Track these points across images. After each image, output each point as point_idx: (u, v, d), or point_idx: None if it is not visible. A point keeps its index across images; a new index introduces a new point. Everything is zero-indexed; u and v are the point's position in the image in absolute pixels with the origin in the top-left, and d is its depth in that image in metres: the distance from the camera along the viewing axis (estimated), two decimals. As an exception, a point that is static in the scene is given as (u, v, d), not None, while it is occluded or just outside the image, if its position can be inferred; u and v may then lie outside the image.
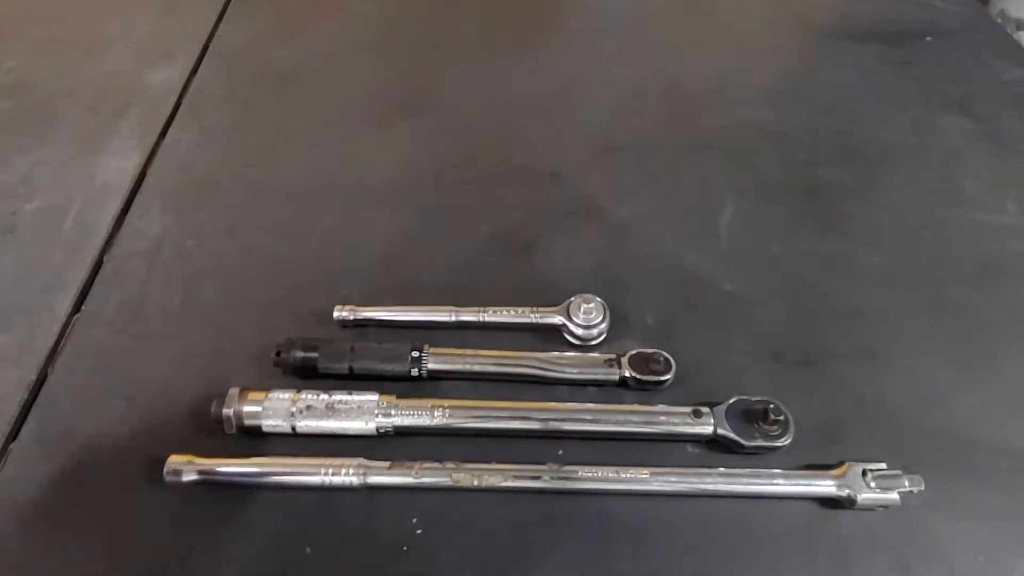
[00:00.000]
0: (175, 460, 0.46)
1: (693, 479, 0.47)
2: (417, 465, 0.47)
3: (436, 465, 0.47)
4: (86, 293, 0.58)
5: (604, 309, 0.55)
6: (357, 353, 0.52)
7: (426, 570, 0.44)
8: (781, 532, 0.46)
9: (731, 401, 0.50)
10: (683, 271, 0.62)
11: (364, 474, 0.46)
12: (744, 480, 0.47)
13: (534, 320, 0.56)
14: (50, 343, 0.55)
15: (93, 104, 0.76)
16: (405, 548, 0.45)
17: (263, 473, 0.46)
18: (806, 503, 0.48)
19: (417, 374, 0.52)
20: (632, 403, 0.52)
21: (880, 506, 0.46)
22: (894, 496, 0.46)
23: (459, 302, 0.56)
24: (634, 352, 0.53)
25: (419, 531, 0.46)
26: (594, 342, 0.55)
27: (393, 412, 0.49)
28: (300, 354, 0.52)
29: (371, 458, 0.47)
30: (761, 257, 0.63)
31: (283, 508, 0.46)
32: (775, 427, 0.49)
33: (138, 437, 0.49)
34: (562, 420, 0.49)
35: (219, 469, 0.46)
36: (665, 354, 0.53)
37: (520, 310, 0.56)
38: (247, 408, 0.48)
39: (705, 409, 0.50)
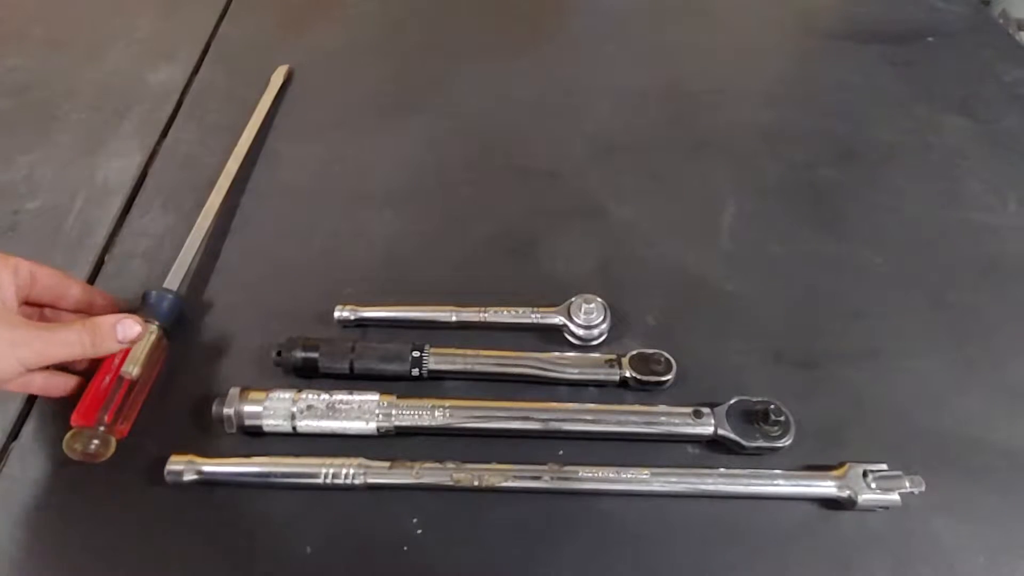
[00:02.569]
0: (175, 460, 0.46)
1: (693, 479, 0.47)
2: (417, 465, 0.47)
3: (436, 465, 0.47)
4: (87, 292, 0.59)
5: (605, 309, 0.55)
6: (358, 353, 0.52)
7: (426, 570, 0.44)
8: (781, 533, 0.46)
9: (732, 402, 0.50)
10: (684, 271, 0.62)
11: (364, 474, 0.46)
12: (744, 481, 0.47)
13: (535, 320, 0.56)
14: (51, 342, 0.55)
15: (95, 103, 0.76)
16: (405, 548, 0.45)
17: (263, 473, 0.46)
18: (807, 504, 0.48)
19: (418, 374, 0.52)
20: (633, 403, 0.52)
21: (881, 507, 0.46)
22: (895, 497, 0.46)
23: (460, 302, 0.56)
24: (635, 352, 0.53)
25: (419, 531, 0.46)
26: (595, 342, 0.55)
27: (394, 412, 0.49)
28: (301, 354, 0.52)
29: (372, 458, 0.47)
30: (762, 257, 0.63)
31: (283, 508, 0.47)
32: (776, 428, 0.49)
33: (138, 437, 0.49)
34: (563, 420, 0.49)
35: (219, 469, 0.46)
36: (666, 354, 0.53)
37: (521, 310, 0.56)
38: (248, 408, 0.48)
39: (706, 410, 0.50)
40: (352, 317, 0.56)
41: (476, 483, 0.46)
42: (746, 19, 0.93)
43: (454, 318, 0.56)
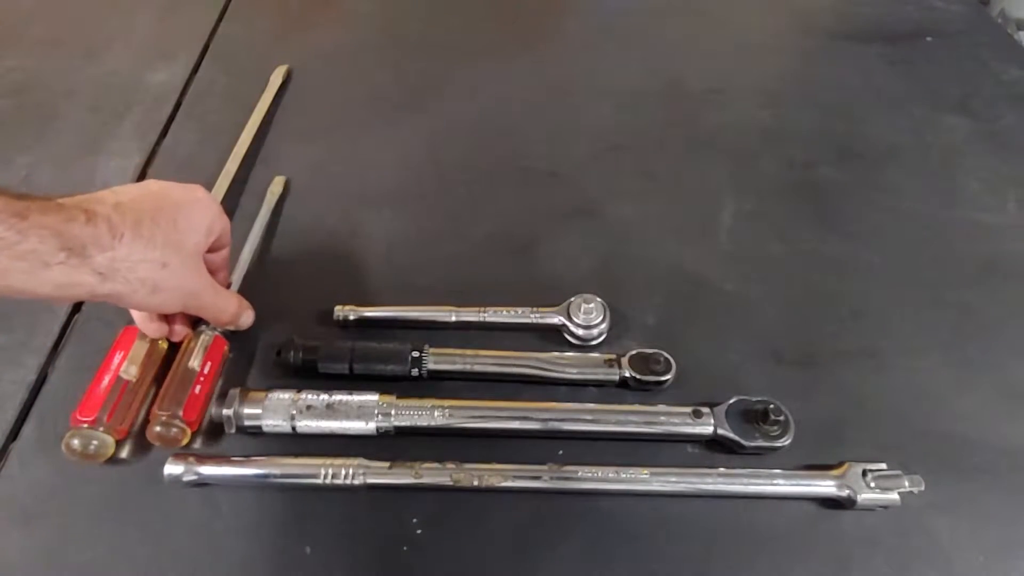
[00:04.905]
0: (175, 460, 0.46)
1: (693, 479, 0.47)
2: (417, 465, 0.47)
3: (436, 465, 0.47)
4: (86, 293, 0.58)
5: (604, 309, 0.55)
6: (357, 353, 0.52)
7: (426, 570, 0.45)
8: (781, 532, 0.46)
9: (731, 401, 0.50)
10: (683, 271, 0.62)
11: (364, 474, 0.46)
12: (744, 480, 0.47)
13: (534, 320, 0.56)
14: (50, 343, 0.55)
15: (94, 104, 0.76)
16: (405, 548, 0.45)
17: (263, 473, 0.46)
18: (806, 503, 0.48)
19: (417, 374, 0.52)
20: (632, 403, 0.52)
21: (880, 506, 0.46)
22: (894, 496, 0.46)
23: (459, 302, 0.56)
24: (634, 352, 0.53)
25: (419, 531, 0.46)
26: (594, 342, 0.55)
27: (393, 412, 0.49)
28: (300, 354, 0.52)
29: (371, 458, 0.47)
30: (761, 257, 0.63)
31: (283, 508, 0.47)
32: (775, 427, 0.49)
33: (138, 437, 0.49)
34: (562, 420, 0.49)
35: (219, 469, 0.46)
36: (665, 354, 0.53)
37: (520, 310, 0.56)
38: (247, 408, 0.48)
39: (705, 409, 0.50)
40: (352, 317, 0.56)
41: (476, 483, 0.46)
42: (745, 19, 0.93)
43: (454, 318, 0.56)
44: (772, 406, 0.49)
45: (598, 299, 0.56)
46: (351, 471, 0.46)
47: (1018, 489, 0.49)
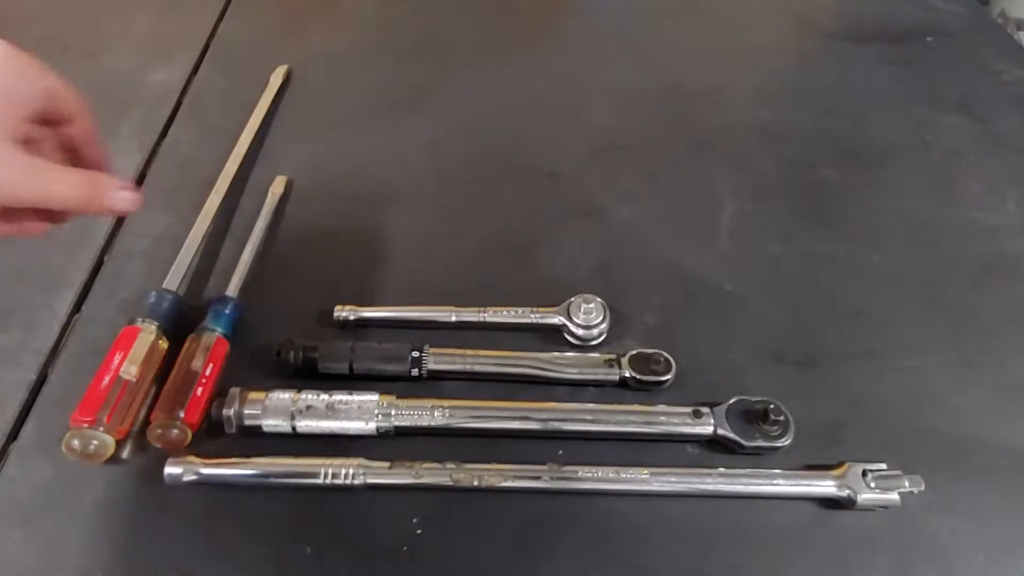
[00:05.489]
0: (175, 460, 0.46)
1: (693, 479, 0.47)
2: (417, 465, 0.47)
3: (436, 465, 0.47)
4: (86, 293, 0.58)
5: (604, 309, 0.55)
6: (357, 353, 0.52)
7: (426, 570, 0.45)
8: (781, 532, 0.46)
9: (731, 401, 0.50)
10: (683, 271, 0.62)
11: (364, 474, 0.46)
12: (744, 480, 0.47)
13: (534, 320, 0.56)
14: (50, 343, 0.55)
15: (93, 104, 0.76)
16: (405, 548, 0.45)
17: (263, 473, 0.46)
18: (806, 503, 0.48)
19: (417, 374, 0.52)
20: (632, 403, 0.52)
21: (880, 506, 0.46)
22: (894, 496, 0.46)
23: (459, 302, 0.56)
24: (634, 352, 0.53)
25: (419, 531, 0.46)
26: (594, 342, 0.55)
27: (393, 412, 0.49)
28: (300, 354, 0.52)
29: (371, 458, 0.47)
30: (761, 257, 0.63)
31: (283, 508, 0.47)
32: (775, 427, 0.49)
33: (138, 437, 0.49)
34: (562, 420, 0.49)
35: (219, 469, 0.46)
36: (665, 354, 0.53)
37: (520, 310, 0.56)
38: (247, 408, 0.48)
39: (705, 409, 0.50)
40: (352, 317, 0.56)
41: (476, 483, 0.46)
42: (745, 19, 0.93)
43: (454, 318, 0.56)
44: (772, 406, 0.49)
45: (598, 299, 0.56)
46: (351, 471, 0.46)
47: (1018, 489, 0.49)
